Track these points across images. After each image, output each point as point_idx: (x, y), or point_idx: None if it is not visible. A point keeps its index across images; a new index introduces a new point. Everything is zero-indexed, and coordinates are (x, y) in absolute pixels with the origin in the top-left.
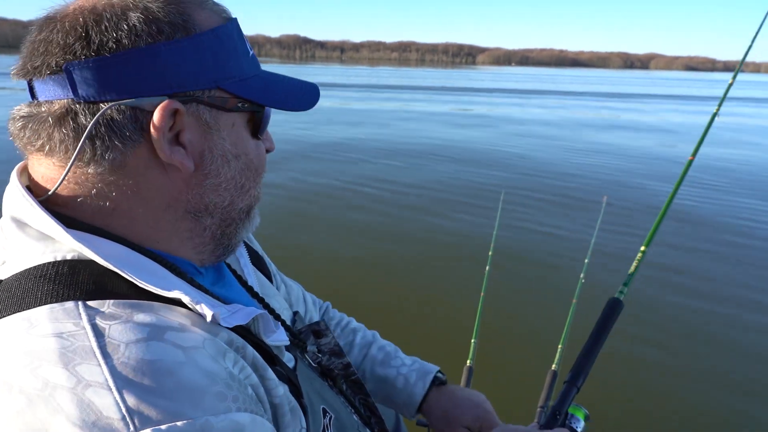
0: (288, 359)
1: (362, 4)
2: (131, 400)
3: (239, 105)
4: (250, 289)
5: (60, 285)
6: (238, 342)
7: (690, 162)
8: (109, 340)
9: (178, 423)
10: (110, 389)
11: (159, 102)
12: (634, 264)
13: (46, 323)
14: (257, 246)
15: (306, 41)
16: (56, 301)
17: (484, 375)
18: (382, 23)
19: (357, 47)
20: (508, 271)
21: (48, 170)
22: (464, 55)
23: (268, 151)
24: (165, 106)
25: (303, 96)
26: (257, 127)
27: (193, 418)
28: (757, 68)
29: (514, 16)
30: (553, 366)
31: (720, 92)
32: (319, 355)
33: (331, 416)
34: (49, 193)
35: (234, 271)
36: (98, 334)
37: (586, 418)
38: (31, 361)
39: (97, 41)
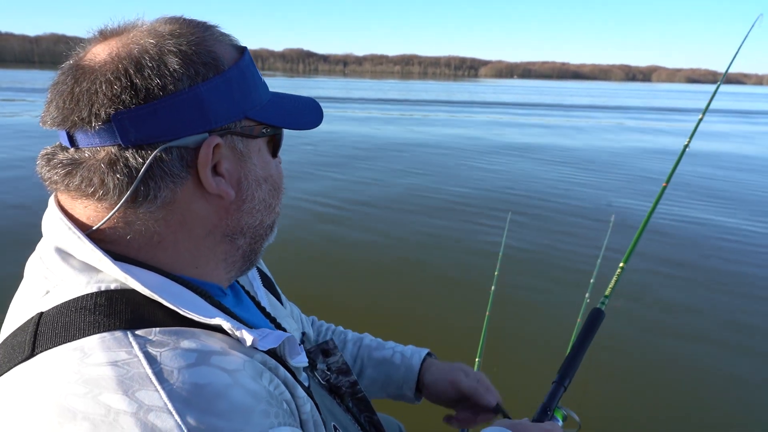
0: (303, 378)
1: (365, 18)
2: (191, 422)
3: (263, 131)
4: (263, 310)
5: (105, 315)
6: (270, 363)
7: (664, 188)
8: (163, 367)
9: None
10: (170, 412)
11: (201, 139)
12: (614, 279)
13: (99, 352)
14: (266, 269)
15: (309, 55)
16: (105, 331)
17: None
18: (384, 37)
19: (360, 60)
20: (514, 290)
21: (96, 212)
22: (467, 68)
23: None
24: (209, 142)
25: (311, 114)
26: (276, 147)
27: None
28: (760, 80)
29: (516, 30)
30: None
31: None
32: (328, 373)
33: None
34: (93, 228)
35: (248, 293)
36: (151, 361)
37: (564, 419)
38: (91, 389)
39: (143, 89)
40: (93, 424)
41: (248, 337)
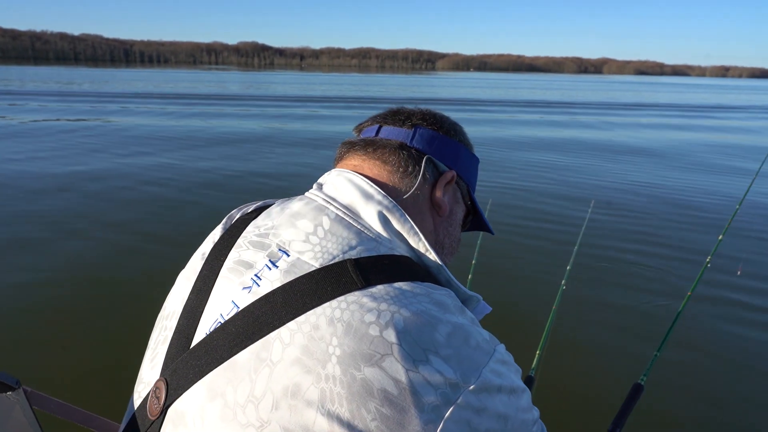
0: None
1: (320, 10)
2: (482, 334)
3: (468, 203)
4: None
5: (410, 272)
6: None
7: (736, 211)
8: (456, 304)
9: (498, 346)
10: (478, 327)
11: (448, 170)
12: (673, 318)
13: (433, 289)
14: None
15: (264, 48)
16: (410, 280)
17: (544, 388)
18: (341, 30)
19: (317, 54)
20: (583, 288)
21: (379, 171)
22: (424, 61)
23: None
24: (454, 173)
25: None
26: (465, 222)
27: (497, 346)
28: (703, 72)
29: (472, 22)
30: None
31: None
32: None
33: None
34: (397, 200)
35: None
36: (455, 299)
37: None
38: (441, 309)
39: (438, 125)
40: (453, 326)
41: (487, 307)
